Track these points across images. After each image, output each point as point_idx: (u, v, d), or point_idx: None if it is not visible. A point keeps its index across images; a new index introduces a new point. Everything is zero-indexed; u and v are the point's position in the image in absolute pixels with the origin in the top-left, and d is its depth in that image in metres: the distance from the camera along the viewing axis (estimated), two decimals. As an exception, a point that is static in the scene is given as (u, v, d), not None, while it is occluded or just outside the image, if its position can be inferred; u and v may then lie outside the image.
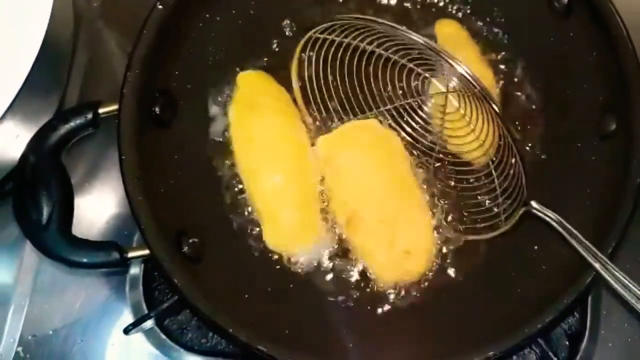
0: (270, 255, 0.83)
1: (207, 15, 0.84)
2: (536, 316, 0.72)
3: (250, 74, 0.87)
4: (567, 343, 0.84)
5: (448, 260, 0.83)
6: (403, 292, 0.82)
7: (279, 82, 0.88)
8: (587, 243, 0.72)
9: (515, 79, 0.89)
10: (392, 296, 0.82)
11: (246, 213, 0.85)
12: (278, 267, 0.83)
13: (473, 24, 0.91)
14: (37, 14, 0.79)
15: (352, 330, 0.79)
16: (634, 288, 0.69)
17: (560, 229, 0.75)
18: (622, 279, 0.70)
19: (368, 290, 0.82)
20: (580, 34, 0.83)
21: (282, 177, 0.83)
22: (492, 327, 0.74)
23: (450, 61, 0.73)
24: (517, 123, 0.87)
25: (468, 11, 0.92)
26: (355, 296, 0.82)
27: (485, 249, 0.83)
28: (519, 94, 0.89)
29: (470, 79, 0.73)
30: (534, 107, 0.88)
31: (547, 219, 0.76)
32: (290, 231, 0.82)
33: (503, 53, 0.90)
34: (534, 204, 0.78)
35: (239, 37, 0.88)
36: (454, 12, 0.92)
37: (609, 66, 0.79)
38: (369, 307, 0.81)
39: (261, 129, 0.84)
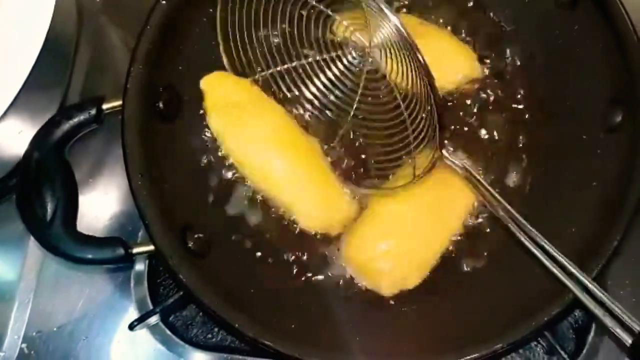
0: (276, 249, 0.83)
1: (210, 10, 0.84)
2: (543, 309, 0.71)
3: (211, 76, 0.85)
4: (573, 336, 0.83)
5: (454, 255, 0.83)
6: (409, 287, 0.82)
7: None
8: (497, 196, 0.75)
9: (520, 71, 0.89)
10: (397, 291, 0.81)
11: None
12: (284, 261, 0.83)
13: (479, 15, 0.91)
14: (40, 9, 0.80)
15: (358, 324, 0.78)
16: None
17: (475, 181, 0.77)
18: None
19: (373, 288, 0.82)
20: (585, 26, 0.83)
21: (294, 161, 0.83)
22: (499, 320, 0.74)
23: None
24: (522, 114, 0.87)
25: (471, 3, 0.92)
26: (361, 290, 0.82)
27: (491, 244, 0.83)
28: (523, 85, 0.88)
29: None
30: (539, 99, 0.88)
31: (458, 169, 0.77)
32: (323, 210, 0.83)
33: (508, 45, 0.90)
34: (445, 152, 0.77)
35: (242, 31, 0.86)
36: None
37: (615, 58, 0.79)
38: (375, 302, 0.81)
39: (251, 125, 0.83)
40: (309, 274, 0.82)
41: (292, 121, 0.85)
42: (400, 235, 0.82)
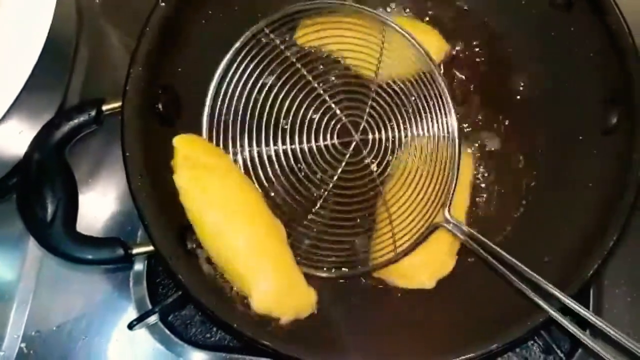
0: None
1: (210, 12, 0.84)
2: (539, 308, 0.72)
3: (185, 137, 0.80)
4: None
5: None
6: (404, 290, 0.82)
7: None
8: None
9: (516, 74, 0.89)
10: (394, 292, 0.82)
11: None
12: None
13: (473, 17, 0.91)
14: (41, 11, 0.79)
15: (356, 324, 0.79)
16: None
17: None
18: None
19: (371, 286, 0.83)
20: (581, 27, 0.83)
21: (257, 234, 0.78)
22: (495, 320, 0.75)
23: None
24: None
25: (466, 8, 0.92)
26: (360, 290, 0.82)
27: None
28: (519, 88, 0.89)
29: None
30: (534, 100, 0.88)
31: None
32: (282, 290, 0.77)
33: (502, 46, 0.90)
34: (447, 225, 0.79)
35: (242, 33, 0.87)
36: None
37: (610, 60, 0.79)
38: (371, 303, 0.82)
39: (214, 190, 0.78)
40: (307, 275, 0.81)
41: (259, 196, 0.81)
42: None
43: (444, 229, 0.79)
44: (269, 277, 0.76)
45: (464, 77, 0.90)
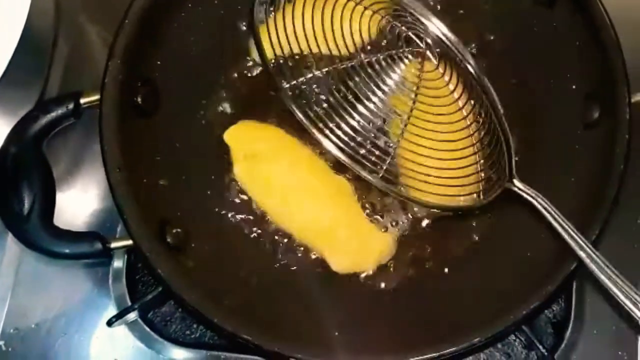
0: (254, 245, 0.83)
1: (190, 5, 0.84)
2: (521, 303, 0.72)
3: (233, 128, 0.85)
4: (552, 331, 0.84)
5: (429, 248, 0.83)
6: (388, 283, 0.82)
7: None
8: (571, 228, 0.72)
9: (498, 68, 0.89)
10: (378, 285, 0.82)
11: (231, 201, 0.85)
12: (263, 256, 0.83)
13: (455, 12, 0.91)
14: (17, 4, 0.79)
15: (338, 318, 0.78)
16: (617, 279, 0.69)
17: (544, 212, 0.74)
18: (607, 268, 0.70)
19: (353, 280, 0.82)
20: (563, 23, 0.83)
21: (319, 206, 0.83)
22: (477, 313, 0.74)
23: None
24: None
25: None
26: (342, 283, 0.82)
27: (470, 238, 0.83)
28: (500, 83, 0.89)
29: (449, 43, 0.72)
30: (516, 96, 0.88)
31: (531, 199, 0.75)
32: (356, 247, 0.82)
33: (485, 41, 0.90)
34: (516, 182, 0.77)
35: (222, 27, 0.87)
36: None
37: (593, 55, 0.79)
38: (355, 296, 0.81)
39: (278, 172, 0.84)
40: (289, 269, 0.82)
41: (319, 161, 0.84)
42: None
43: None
44: (341, 243, 0.82)
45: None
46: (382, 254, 0.82)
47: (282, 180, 0.83)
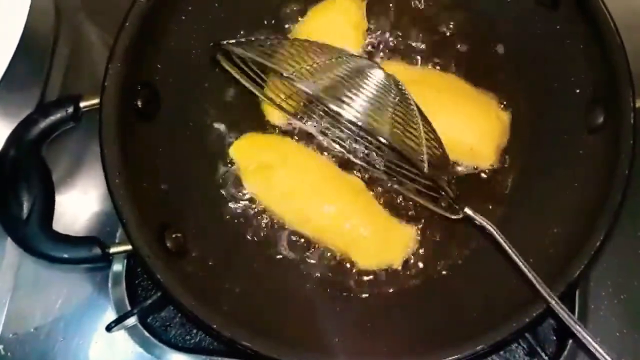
0: (256, 250, 0.83)
1: (190, 8, 0.84)
2: (524, 310, 0.71)
3: (239, 143, 0.86)
4: (554, 338, 0.83)
5: (432, 255, 0.83)
6: (389, 288, 0.82)
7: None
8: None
9: (501, 71, 0.89)
10: (378, 291, 0.82)
11: (231, 206, 0.84)
12: (263, 262, 0.83)
13: (459, 15, 0.91)
14: (17, 6, 0.78)
15: (337, 324, 0.78)
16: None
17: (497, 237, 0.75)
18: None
19: (354, 285, 0.82)
20: (567, 26, 0.82)
21: (337, 207, 0.83)
22: (480, 321, 0.74)
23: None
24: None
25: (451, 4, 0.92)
26: (340, 289, 0.82)
27: (471, 244, 0.83)
28: (504, 85, 0.88)
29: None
30: (520, 100, 0.88)
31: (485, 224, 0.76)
32: (379, 244, 0.82)
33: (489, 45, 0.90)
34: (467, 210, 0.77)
35: (222, 30, 0.86)
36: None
37: (597, 58, 0.79)
38: (354, 302, 0.81)
39: (289, 179, 0.84)
40: (288, 275, 0.82)
41: (328, 163, 0.85)
42: None
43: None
44: (365, 240, 0.82)
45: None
46: (407, 246, 0.83)
47: (298, 185, 0.84)
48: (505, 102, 0.88)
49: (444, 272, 0.83)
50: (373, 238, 0.82)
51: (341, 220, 0.82)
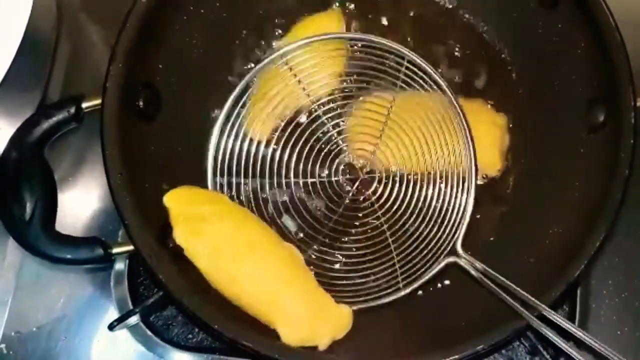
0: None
1: (191, 8, 0.84)
2: (525, 309, 0.71)
3: (175, 192, 0.78)
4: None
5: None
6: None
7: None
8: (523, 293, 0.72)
9: (502, 71, 0.89)
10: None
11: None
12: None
13: (460, 15, 0.91)
14: (18, 6, 0.78)
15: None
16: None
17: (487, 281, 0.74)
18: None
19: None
20: (567, 25, 0.82)
21: (271, 270, 0.76)
22: (481, 320, 0.74)
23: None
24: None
25: (449, 6, 0.91)
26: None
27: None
28: (505, 86, 0.89)
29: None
30: (521, 99, 0.88)
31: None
32: (310, 318, 0.75)
33: (488, 44, 0.90)
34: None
35: (224, 30, 0.87)
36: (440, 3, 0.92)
37: (597, 57, 0.78)
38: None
39: (216, 236, 0.76)
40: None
41: (268, 229, 0.80)
42: None
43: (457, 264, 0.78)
44: (293, 312, 0.74)
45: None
46: (338, 328, 0.76)
47: (231, 242, 0.76)
48: (505, 103, 0.88)
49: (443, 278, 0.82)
50: (302, 314, 0.75)
51: (270, 289, 0.75)
